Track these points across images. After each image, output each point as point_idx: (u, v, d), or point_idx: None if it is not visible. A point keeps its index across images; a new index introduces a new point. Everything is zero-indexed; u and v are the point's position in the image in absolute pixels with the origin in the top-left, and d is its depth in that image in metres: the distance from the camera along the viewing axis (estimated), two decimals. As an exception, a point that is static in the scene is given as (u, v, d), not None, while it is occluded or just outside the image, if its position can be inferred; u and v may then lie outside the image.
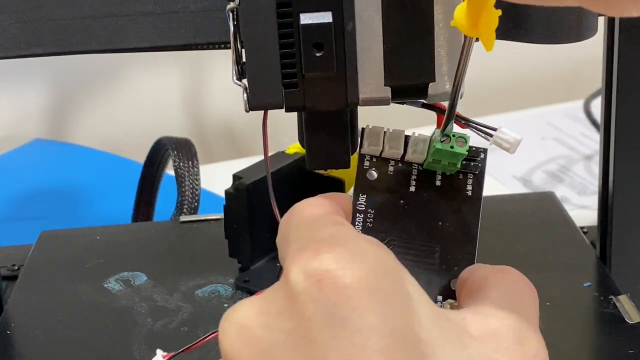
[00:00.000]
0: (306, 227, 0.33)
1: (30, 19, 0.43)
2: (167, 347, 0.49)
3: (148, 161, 0.75)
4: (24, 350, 0.51)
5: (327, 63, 0.36)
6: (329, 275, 0.29)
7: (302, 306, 0.29)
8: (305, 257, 0.30)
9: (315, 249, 0.30)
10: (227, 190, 0.56)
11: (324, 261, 0.29)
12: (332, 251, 0.30)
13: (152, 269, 0.57)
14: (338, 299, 0.29)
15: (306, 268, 0.29)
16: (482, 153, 0.39)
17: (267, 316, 0.30)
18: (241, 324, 0.30)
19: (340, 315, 0.28)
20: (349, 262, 0.29)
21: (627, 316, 0.50)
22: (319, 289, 0.29)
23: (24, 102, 1.10)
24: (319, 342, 0.28)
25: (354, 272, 0.29)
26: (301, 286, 0.29)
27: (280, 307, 0.30)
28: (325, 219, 0.34)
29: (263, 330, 0.30)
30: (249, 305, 0.31)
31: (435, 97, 0.37)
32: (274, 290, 0.31)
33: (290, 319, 0.29)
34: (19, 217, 0.87)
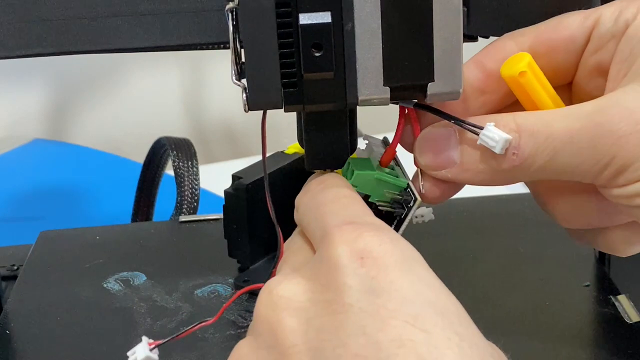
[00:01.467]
0: (343, 205, 0.36)
1: (30, 19, 0.43)
2: (167, 346, 0.49)
3: (147, 161, 0.75)
4: (23, 350, 0.51)
5: (326, 63, 0.36)
6: (371, 255, 0.32)
7: (344, 278, 0.32)
8: (350, 236, 0.33)
9: (359, 229, 0.33)
10: (227, 190, 0.56)
11: (367, 242, 0.33)
12: (374, 234, 0.33)
13: (152, 269, 0.57)
14: (377, 273, 0.32)
15: (352, 246, 0.32)
16: (413, 202, 0.40)
17: (312, 292, 0.33)
18: (289, 298, 0.33)
19: (378, 286, 0.31)
20: (388, 245, 0.33)
21: (626, 316, 0.50)
22: (362, 265, 0.32)
23: (24, 102, 1.10)
24: (355, 308, 0.31)
25: (392, 254, 0.32)
26: (345, 261, 0.32)
27: (324, 280, 0.32)
28: (359, 200, 0.37)
29: (307, 302, 0.32)
30: (295, 284, 0.33)
31: (435, 97, 0.37)
32: (315, 265, 0.34)
33: (332, 291, 0.32)
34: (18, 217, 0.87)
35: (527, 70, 0.38)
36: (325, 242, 0.34)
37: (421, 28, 0.36)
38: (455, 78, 0.37)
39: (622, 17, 0.39)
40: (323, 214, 0.36)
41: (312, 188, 0.39)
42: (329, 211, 0.36)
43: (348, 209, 0.36)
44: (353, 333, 0.30)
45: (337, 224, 0.34)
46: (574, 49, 0.40)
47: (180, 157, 0.70)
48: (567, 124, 0.37)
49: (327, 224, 0.35)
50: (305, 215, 0.38)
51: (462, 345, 0.30)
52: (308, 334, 0.31)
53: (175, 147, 0.71)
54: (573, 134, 0.37)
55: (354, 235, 0.33)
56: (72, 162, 1.01)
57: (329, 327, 0.31)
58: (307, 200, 0.38)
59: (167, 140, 0.73)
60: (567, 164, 0.37)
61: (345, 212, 0.36)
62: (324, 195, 0.38)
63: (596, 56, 0.40)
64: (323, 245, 0.34)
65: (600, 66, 0.40)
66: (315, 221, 0.36)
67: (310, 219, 0.37)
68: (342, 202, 0.37)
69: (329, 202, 0.37)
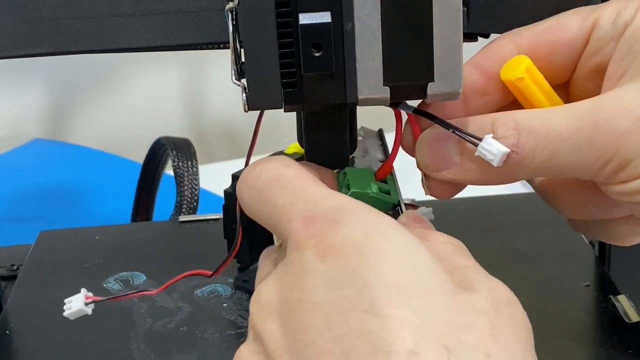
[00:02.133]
0: (292, 195, 0.35)
1: (30, 19, 0.43)
2: (166, 347, 0.49)
3: (147, 161, 0.75)
4: (23, 350, 0.51)
5: (326, 63, 0.36)
6: (332, 249, 0.32)
7: (309, 277, 0.32)
8: (312, 240, 0.33)
9: (319, 228, 0.33)
10: (226, 190, 0.56)
11: (329, 239, 0.33)
12: (334, 228, 0.33)
13: (151, 268, 0.57)
14: (339, 266, 0.32)
15: (314, 248, 0.33)
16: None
17: (284, 292, 0.33)
18: (268, 303, 0.33)
19: (340, 278, 0.32)
20: (346, 233, 0.33)
21: (625, 316, 0.50)
22: (323, 262, 0.32)
23: (24, 102, 1.10)
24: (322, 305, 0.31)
25: (351, 240, 0.32)
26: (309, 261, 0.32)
27: (294, 283, 0.33)
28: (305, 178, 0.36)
29: (282, 305, 0.33)
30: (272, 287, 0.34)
31: (434, 97, 0.37)
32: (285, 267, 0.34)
33: (302, 291, 0.32)
34: (18, 217, 0.87)
35: (525, 76, 0.39)
36: (289, 244, 0.34)
37: (421, 28, 0.36)
38: (455, 78, 0.37)
39: (620, 19, 0.39)
40: (276, 211, 0.36)
41: (250, 181, 0.37)
42: (280, 206, 0.36)
43: (299, 199, 0.35)
44: (321, 330, 0.31)
45: (295, 223, 0.34)
46: (573, 51, 0.40)
47: (180, 157, 0.70)
48: (567, 122, 0.37)
49: (285, 224, 0.35)
50: (257, 211, 0.37)
51: (418, 323, 0.30)
52: (286, 336, 0.32)
53: (175, 147, 0.71)
54: (572, 131, 0.37)
55: (316, 237, 0.33)
56: (72, 162, 1.01)
57: (301, 326, 0.31)
58: (252, 196, 0.37)
59: (167, 140, 0.73)
60: (567, 162, 0.37)
61: (298, 206, 0.35)
62: (268, 188, 0.36)
63: (595, 58, 0.40)
64: (288, 247, 0.34)
65: (599, 68, 0.40)
66: (270, 219, 0.36)
67: (264, 216, 0.37)
68: (290, 191, 0.36)
69: (276, 195, 0.36)
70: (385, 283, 0.31)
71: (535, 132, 0.37)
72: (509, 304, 0.32)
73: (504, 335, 0.31)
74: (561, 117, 0.37)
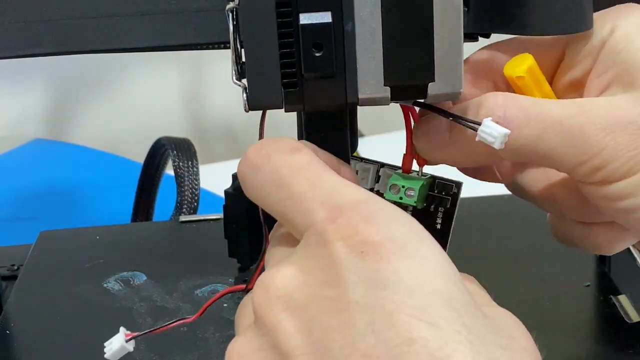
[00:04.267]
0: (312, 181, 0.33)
1: (30, 19, 0.43)
2: (166, 347, 0.49)
3: (147, 161, 0.75)
4: (23, 350, 0.51)
5: (327, 63, 0.36)
6: (370, 245, 0.31)
7: (346, 273, 0.30)
8: (344, 232, 0.31)
9: (351, 220, 0.31)
10: (227, 190, 0.56)
11: (365, 234, 0.31)
12: (369, 222, 0.31)
13: (152, 268, 0.57)
14: (379, 265, 0.30)
15: (349, 242, 0.31)
16: (455, 188, 0.40)
17: (309, 287, 0.31)
18: (284, 295, 0.31)
19: (382, 278, 0.30)
20: (386, 230, 0.31)
21: (626, 316, 0.50)
22: (362, 259, 0.30)
23: (24, 102, 1.10)
24: (361, 304, 0.30)
25: (393, 241, 0.31)
26: (344, 257, 0.31)
27: (323, 277, 0.31)
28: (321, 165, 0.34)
29: (308, 300, 0.31)
30: (291, 277, 0.32)
31: (435, 97, 0.37)
32: (312, 259, 0.32)
33: (334, 288, 0.30)
34: (18, 217, 0.87)
35: (525, 75, 0.39)
36: (310, 235, 0.32)
37: (421, 28, 0.36)
38: (456, 78, 0.37)
39: (597, 35, 0.39)
40: (292, 198, 0.33)
41: (257, 164, 0.35)
42: (298, 193, 0.33)
43: (318, 187, 0.33)
44: (361, 331, 0.29)
45: (318, 213, 0.32)
46: (548, 65, 0.40)
47: (180, 157, 0.70)
48: (560, 108, 0.37)
49: (305, 213, 0.32)
50: (265, 197, 0.34)
51: (471, 339, 0.29)
52: (313, 334, 0.30)
53: (175, 147, 0.71)
54: (565, 117, 0.36)
55: (348, 228, 0.31)
56: (72, 162, 1.01)
57: (335, 326, 0.30)
58: (260, 181, 0.34)
59: (167, 140, 0.73)
60: (552, 148, 0.37)
61: (319, 194, 0.33)
62: (280, 173, 0.34)
63: (571, 73, 0.40)
64: (309, 238, 0.32)
65: (575, 82, 0.40)
66: (284, 207, 0.33)
67: (274, 202, 0.34)
68: (308, 178, 0.33)
69: (292, 181, 0.34)
70: (435, 292, 0.30)
71: (526, 109, 0.37)
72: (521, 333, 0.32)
73: None
74: (554, 104, 0.37)
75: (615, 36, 0.38)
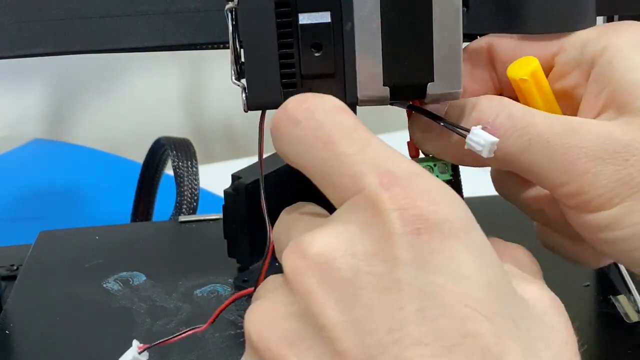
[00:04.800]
0: (362, 144, 0.31)
1: (30, 19, 0.43)
2: (167, 347, 0.49)
3: (147, 161, 0.75)
4: (22, 350, 0.51)
5: (326, 63, 0.36)
6: (427, 223, 0.28)
7: (397, 251, 0.28)
8: (402, 200, 0.29)
9: (410, 191, 0.29)
10: (226, 190, 0.56)
11: (423, 208, 0.29)
12: (429, 197, 0.29)
13: (151, 269, 0.57)
14: (436, 247, 0.28)
15: (406, 214, 0.28)
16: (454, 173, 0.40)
17: (354, 258, 0.29)
18: (324, 263, 0.29)
19: (438, 263, 0.28)
20: (445, 210, 0.29)
21: (625, 316, 0.50)
22: (418, 236, 0.28)
23: (24, 102, 1.10)
24: (413, 287, 0.28)
25: (452, 223, 0.29)
26: (399, 230, 0.28)
27: (370, 248, 0.29)
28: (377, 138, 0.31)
29: (351, 272, 0.28)
30: (334, 243, 0.29)
31: (434, 97, 0.37)
32: (360, 225, 0.29)
33: (382, 263, 0.28)
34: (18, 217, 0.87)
35: (528, 79, 0.39)
36: (367, 204, 0.29)
37: (421, 28, 0.36)
38: (455, 78, 0.37)
39: (588, 48, 0.39)
40: (339, 158, 0.30)
41: (298, 118, 0.32)
42: (346, 155, 0.30)
43: (369, 151, 0.30)
44: (411, 316, 0.27)
45: (370, 177, 0.29)
46: None
47: (180, 157, 0.70)
48: (549, 123, 0.36)
49: (354, 176, 0.30)
50: (304, 156, 0.31)
51: (519, 335, 0.28)
52: (355, 311, 0.28)
53: (175, 147, 0.71)
54: (552, 135, 0.36)
55: (406, 199, 0.29)
56: (72, 162, 1.01)
57: (382, 305, 0.28)
58: (301, 137, 0.31)
59: (167, 140, 0.73)
60: (536, 162, 0.36)
61: (370, 158, 0.30)
62: (325, 130, 0.31)
63: (561, 82, 0.40)
64: (363, 206, 0.29)
65: (565, 92, 0.40)
66: (328, 167, 0.31)
67: (316, 162, 0.31)
68: (357, 139, 0.31)
69: (340, 140, 0.31)
70: (490, 285, 0.28)
71: (515, 118, 0.36)
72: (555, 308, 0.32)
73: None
74: (545, 117, 0.37)
75: (608, 55, 0.38)
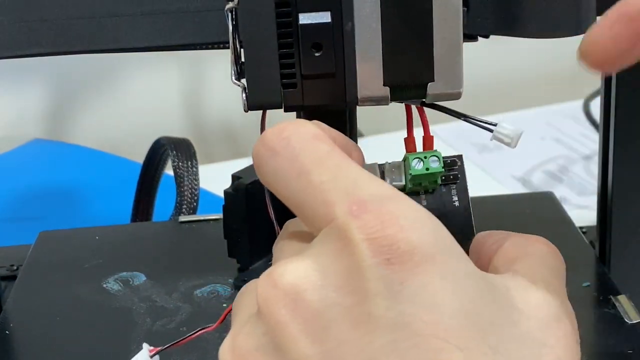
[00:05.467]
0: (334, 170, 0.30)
1: (30, 19, 0.43)
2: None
3: (147, 161, 0.75)
4: (22, 350, 0.51)
5: (326, 63, 0.36)
6: (398, 253, 0.28)
7: (367, 282, 0.28)
8: (370, 229, 0.28)
9: (379, 217, 0.28)
10: (226, 190, 0.56)
11: (393, 236, 0.28)
12: (399, 224, 0.28)
13: (151, 269, 0.57)
14: (407, 276, 0.27)
15: (374, 244, 0.28)
16: (458, 161, 0.40)
17: (324, 289, 0.28)
18: (295, 294, 0.28)
19: (409, 292, 0.27)
20: (416, 238, 0.28)
21: (626, 316, 0.50)
22: (388, 266, 0.28)
23: (24, 102, 1.10)
24: (383, 319, 0.27)
25: (423, 250, 0.28)
26: (368, 262, 0.28)
27: (340, 280, 0.28)
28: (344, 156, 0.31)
29: (321, 304, 0.28)
30: (304, 274, 0.29)
31: (434, 97, 0.37)
32: (330, 256, 0.29)
33: (353, 295, 0.28)
34: (17, 217, 0.87)
35: None
36: (337, 234, 0.29)
37: (421, 28, 0.36)
38: (456, 78, 0.37)
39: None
40: (311, 187, 0.30)
41: (275, 147, 0.31)
42: (318, 183, 0.30)
43: (340, 178, 0.30)
44: (382, 348, 0.27)
45: (340, 206, 0.29)
46: None
47: (180, 157, 0.70)
48: None
49: (324, 205, 0.29)
50: (282, 185, 0.31)
51: None
52: (325, 344, 0.28)
53: (175, 147, 0.71)
54: None
55: (375, 228, 0.28)
56: (72, 162, 1.01)
57: (353, 338, 0.27)
58: (278, 166, 0.31)
59: (167, 140, 0.73)
60: None
61: (340, 185, 0.30)
62: (299, 160, 0.31)
63: None
64: (334, 237, 0.29)
65: None
66: (302, 197, 0.30)
67: (291, 192, 0.31)
68: (329, 167, 0.30)
69: (312, 169, 0.30)
70: (464, 312, 0.28)
71: None
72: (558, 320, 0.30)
73: None
74: None
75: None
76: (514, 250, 0.34)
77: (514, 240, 0.34)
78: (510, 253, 0.34)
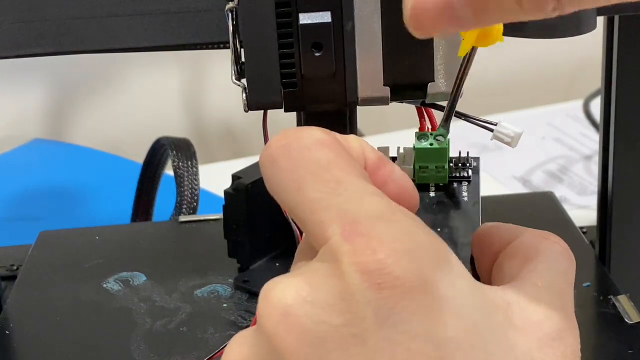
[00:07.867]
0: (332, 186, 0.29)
1: (30, 19, 0.43)
2: (166, 347, 0.49)
3: (147, 161, 0.75)
4: (22, 350, 0.51)
5: (326, 63, 0.36)
6: (390, 279, 0.27)
7: (356, 306, 0.27)
8: (361, 253, 0.28)
9: (369, 242, 0.28)
10: (226, 190, 0.56)
11: (383, 261, 0.28)
12: (390, 249, 0.28)
13: (151, 269, 0.57)
14: (397, 302, 0.27)
15: (364, 268, 0.27)
16: (474, 161, 0.39)
17: (313, 306, 0.28)
18: (285, 309, 0.28)
19: (397, 319, 0.27)
20: (407, 263, 0.28)
21: (626, 316, 0.50)
22: (378, 292, 0.27)
23: (24, 102, 1.10)
24: (371, 344, 0.27)
25: (415, 275, 0.28)
26: (357, 286, 0.27)
27: (330, 300, 0.28)
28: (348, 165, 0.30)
29: (309, 320, 0.28)
30: (294, 290, 0.28)
31: (434, 97, 0.37)
32: (322, 276, 0.28)
33: (341, 315, 0.28)
34: (18, 217, 0.87)
35: None
36: (329, 257, 0.29)
37: (421, 28, 0.36)
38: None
39: None
40: (307, 204, 0.29)
41: (276, 156, 0.30)
42: (312, 200, 0.29)
43: (338, 192, 0.29)
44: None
45: (332, 228, 0.29)
46: None
47: (180, 157, 0.70)
48: None
49: (318, 225, 0.29)
50: (282, 197, 0.30)
51: None
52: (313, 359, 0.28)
53: (175, 147, 0.71)
54: None
55: (366, 252, 0.28)
56: (71, 162, 1.01)
57: (339, 358, 0.27)
58: (277, 177, 0.30)
59: (167, 140, 0.73)
60: None
61: (338, 200, 0.29)
62: (297, 172, 0.30)
63: None
64: (327, 259, 0.29)
65: None
66: (299, 212, 0.30)
67: (290, 206, 0.30)
68: (328, 179, 0.30)
69: (308, 184, 0.30)
70: (452, 340, 0.27)
71: None
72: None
73: None
74: None
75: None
76: (525, 249, 0.33)
77: (525, 237, 0.34)
78: (520, 252, 0.33)
